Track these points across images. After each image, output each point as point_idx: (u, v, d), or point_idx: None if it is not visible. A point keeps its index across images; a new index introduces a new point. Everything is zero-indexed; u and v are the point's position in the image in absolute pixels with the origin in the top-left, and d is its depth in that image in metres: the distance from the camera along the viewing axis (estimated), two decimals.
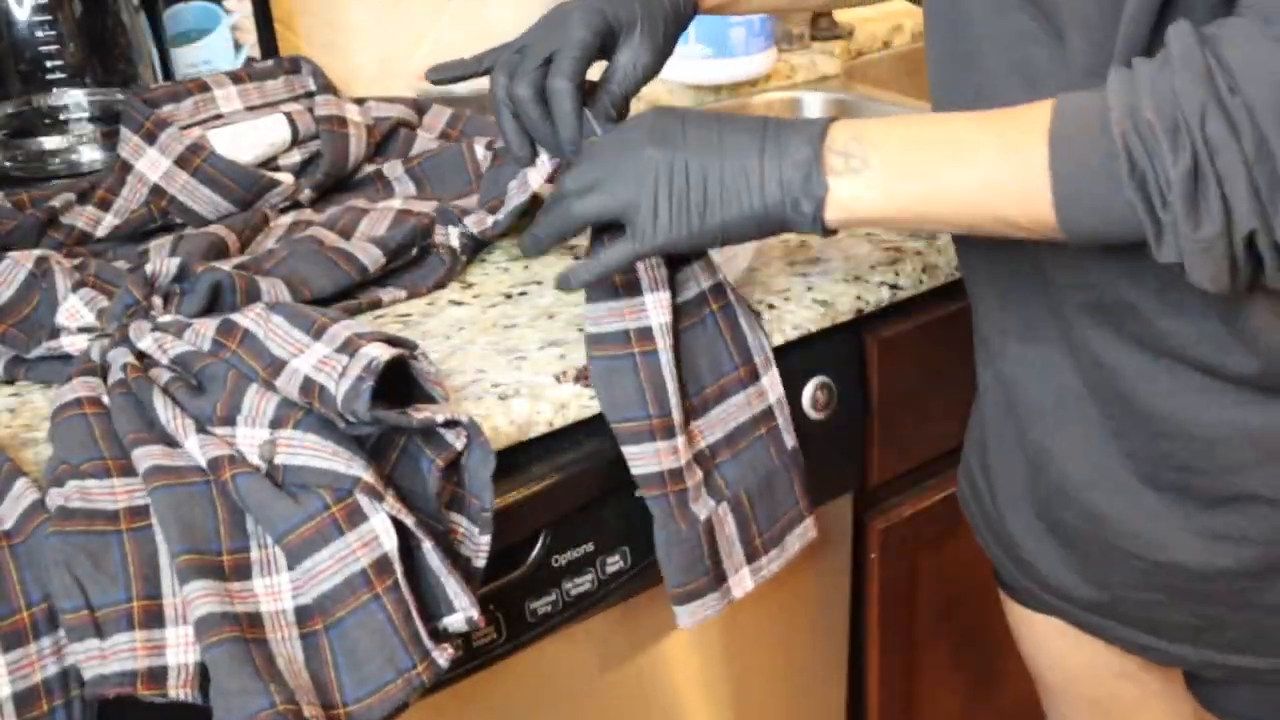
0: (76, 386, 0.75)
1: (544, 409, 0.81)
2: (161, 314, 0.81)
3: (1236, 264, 0.61)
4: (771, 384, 0.88)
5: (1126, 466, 0.78)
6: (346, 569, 0.68)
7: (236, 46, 1.27)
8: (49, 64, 1.15)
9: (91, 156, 1.16)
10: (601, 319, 0.82)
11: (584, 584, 0.87)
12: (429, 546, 0.70)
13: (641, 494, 0.82)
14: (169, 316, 0.80)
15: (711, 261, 0.85)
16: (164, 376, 0.74)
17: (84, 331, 0.82)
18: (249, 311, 0.77)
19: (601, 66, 0.87)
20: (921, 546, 1.12)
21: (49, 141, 1.16)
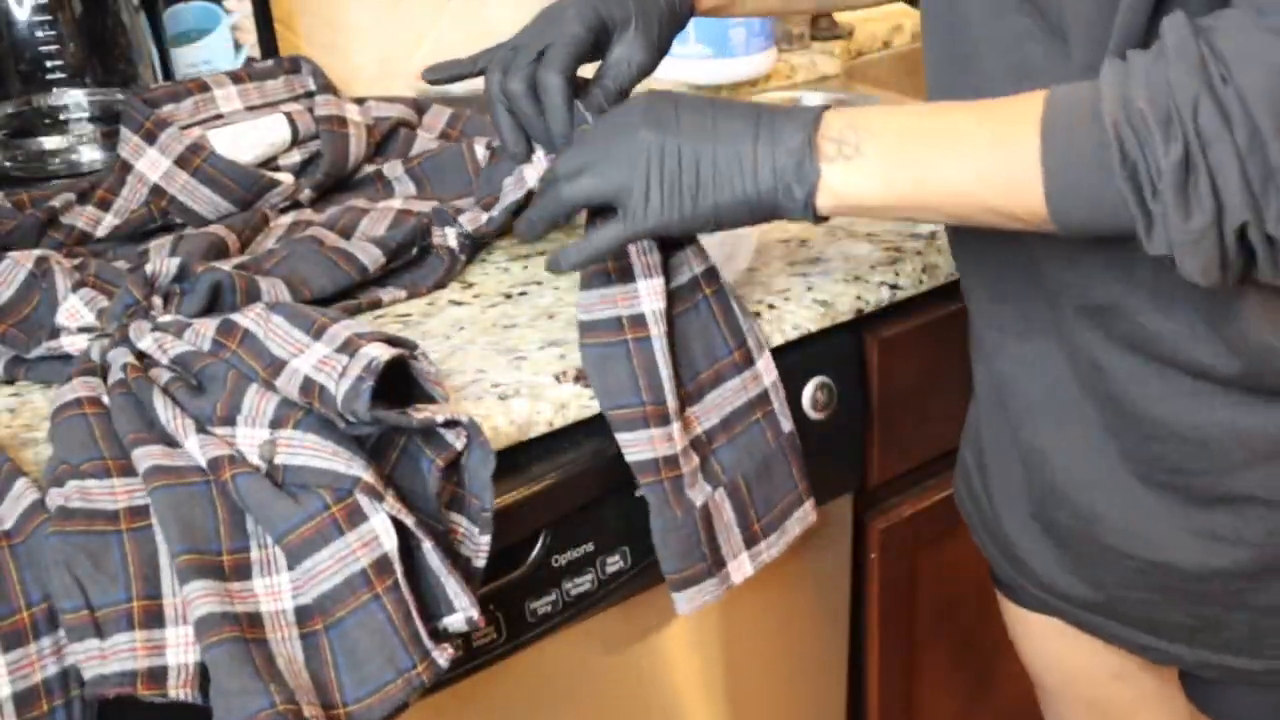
0: (76, 386, 0.75)
1: (544, 409, 0.81)
2: (161, 314, 0.81)
3: (1227, 257, 0.61)
4: (766, 367, 0.88)
5: (1123, 466, 0.78)
6: (346, 569, 0.68)
7: (236, 46, 1.27)
8: (49, 64, 1.15)
9: (91, 156, 1.16)
10: (594, 306, 0.82)
11: (584, 584, 0.87)
12: (429, 546, 0.70)
13: (640, 488, 0.82)
14: (169, 316, 0.80)
15: (703, 247, 0.85)
16: (164, 376, 0.74)
17: (84, 331, 0.82)
18: (249, 311, 0.77)
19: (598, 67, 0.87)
20: (921, 546, 1.12)
21: (49, 141, 1.16)
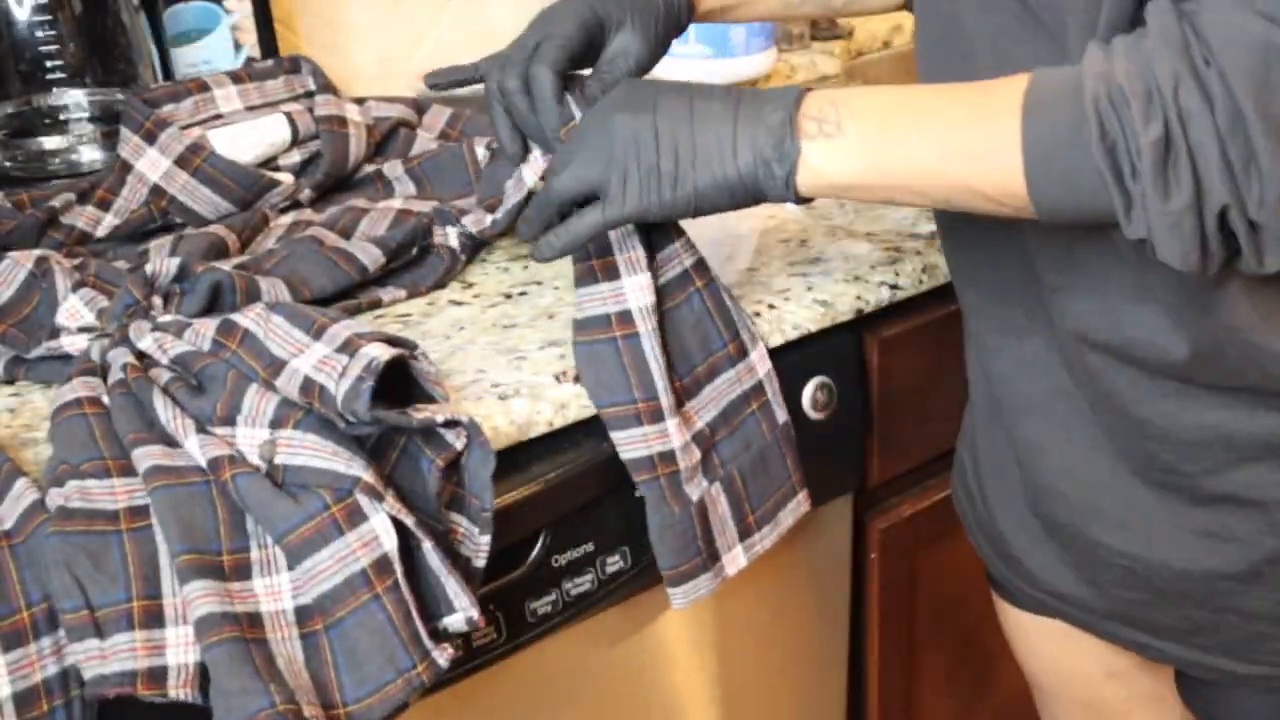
0: (76, 386, 0.75)
1: (544, 409, 0.81)
2: (161, 314, 0.81)
3: (1208, 242, 0.61)
4: (760, 358, 0.88)
5: (1120, 464, 0.78)
6: (346, 569, 0.68)
7: (236, 46, 1.27)
8: (49, 64, 1.15)
9: (91, 156, 1.16)
10: (584, 304, 0.82)
11: (584, 584, 0.87)
12: (429, 546, 0.70)
13: (636, 486, 0.82)
14: (169, 316, 0.80)
15: (691, 240, 0.85)
16: (164, 376, 0.74)
17: (84, 331, 0.82)
18: (249, 311, 0.77)
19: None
20: (921, 546, 1.12)
21: (49, 141, 1.16)
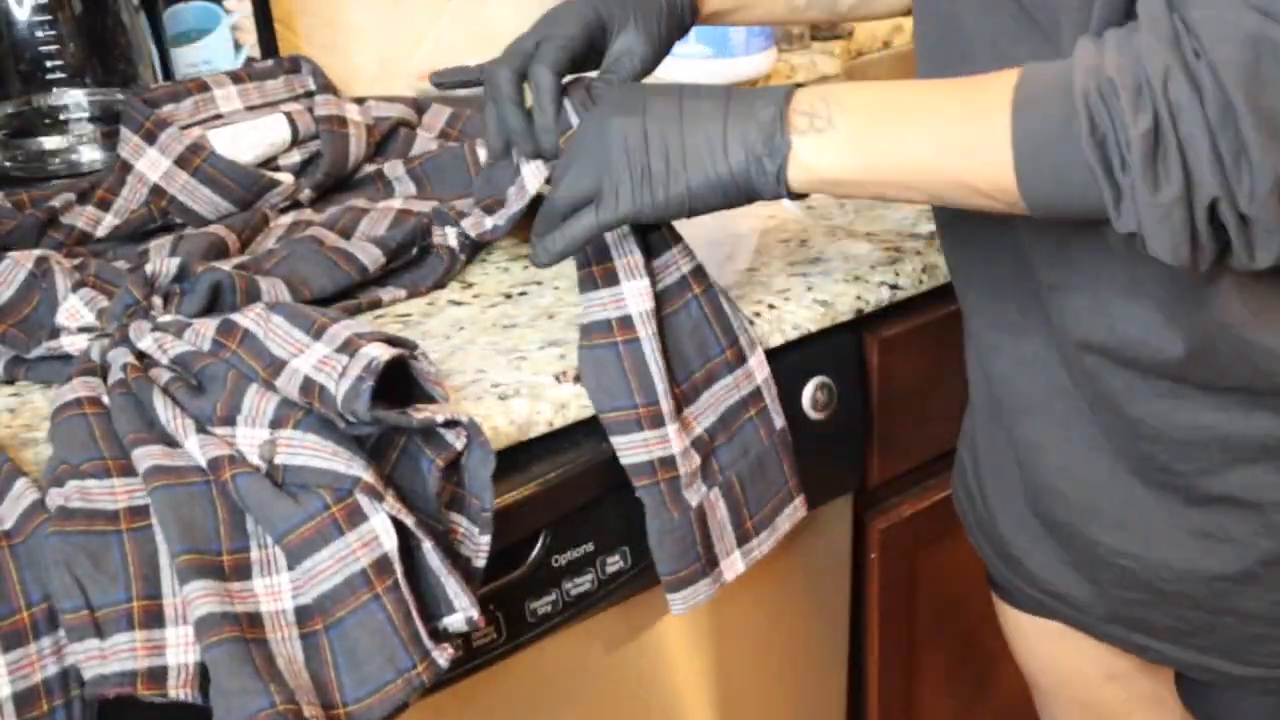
0: (76, 386, 0.75)
1: (544, 409, 0.81)
2: (161, 314, 0.81)
3: (1198, 236, 0.60)
4: (758, 364, 0.88)
5: (1119, 463, 0.78)
6: (346, 569, 0.68)
7: (236, 46, 1.27)
8: (49, 64, 1.15)
9: (91, 156, 1.16)
10: (588, 309, 0.82)
11: (584, 584, 0.87)
12: (429, 546, 0.70)
13: (636, 491, 0.82)
14: (169, 316, 0.80)
15: (689, 246, 0.85)
16: (164, 376, 0.74)
17: (84, 331, 0.82)
18: (249, 311, 0.77)
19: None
20: (921, 546, 1.12)
21: (49, 141, 1.16)
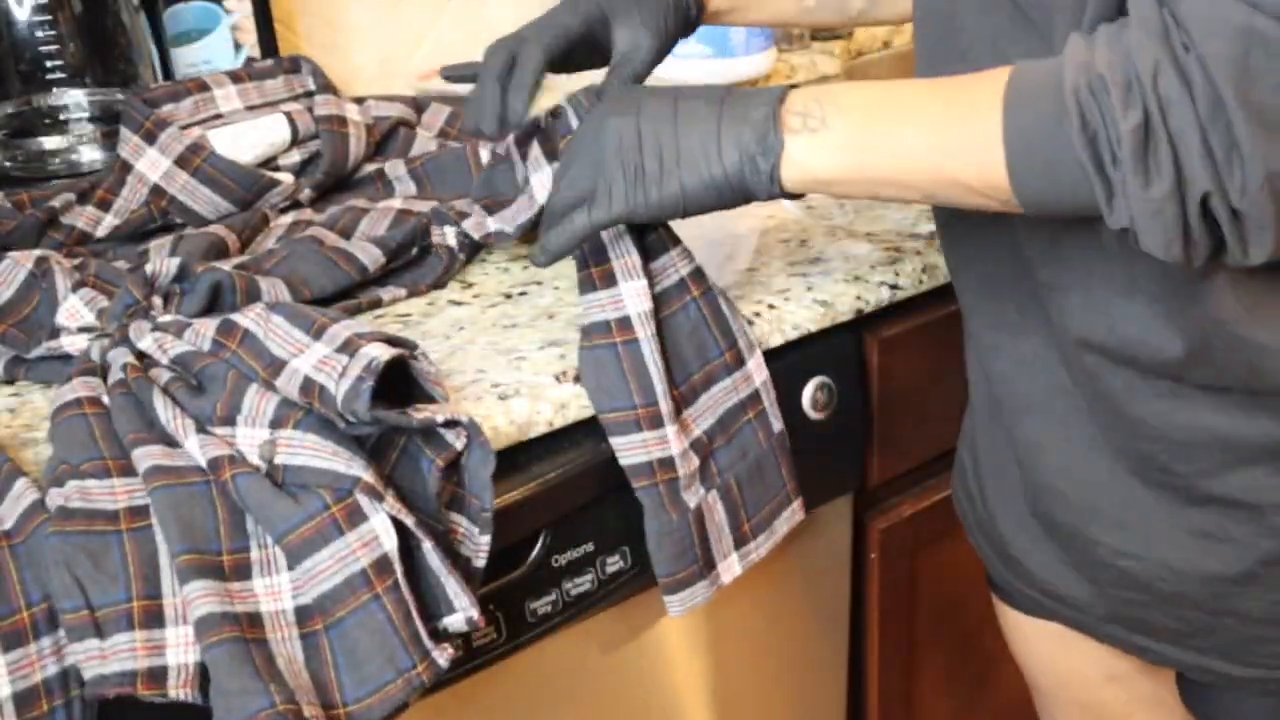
0: (76, 386, 0.75)
1: (544, 409, 0.81)
2: (161, 314, 0.81)
3: (1190, 231, 0.60)
4: (756, 367, 0.88)
5: (1118, 463, 0.78)
6: (346, 569, 0.68)
7: (236, 46, 1.27)
8: (49, 64, 1.15)
9: (91, 156, 1.16)
10: (588, 310, 0.82)
11: (584, 584, 0.87)
12: (429, 546, 0.70)
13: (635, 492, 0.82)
14: (169, 316, 0.80)
15: (688, 248, 0.85)
16: (164, 376, 0.74)
17: (84, 331, 0.82)
18: (249, 311, 0.77)
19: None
20: (921, 547, 1.12)
21: (49, 141, 1.16)
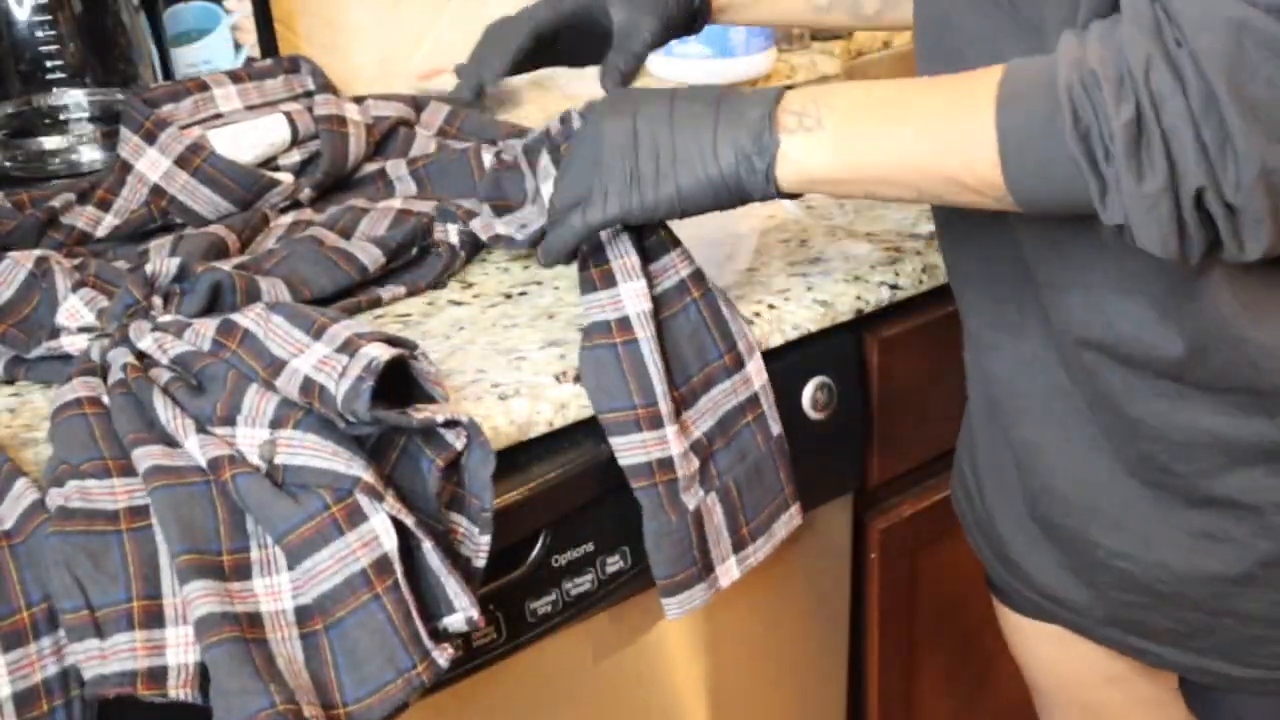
0: (76, 386, 0.75)
1: (544, 409, 0.81)
2: (161, 314, 0.81)
3: (1185, 226, 0.60)
4: (756, 370, 0.88)
5: (1117, 464, 0.77)
6: (346, 569, 0.68)
7: (236, 46, 1.27)
8: (49, 64, 1.15)
9: (91, 156, 1.16)
10: (589, 311, 0.82)
11: (584, 584, 0.87)
12: (429, 546, 0.70)
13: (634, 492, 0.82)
14: (169, 316, 0.80)
15: (688, 250, 0.85)
16: (164, 376, 0.74)
17: (84, 331, 0.82)
18: (249, 311, 0.77)
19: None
20: (921, 547, 1.12)
21: (49, 141, 1.16)
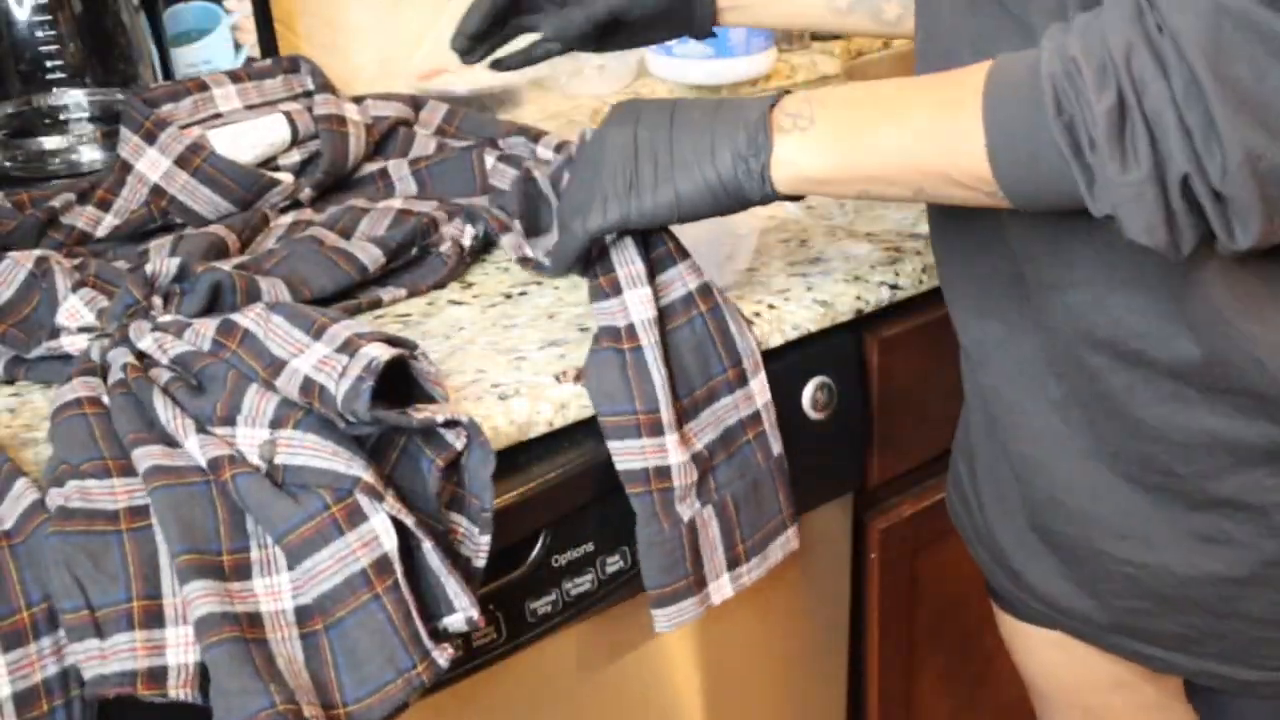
0: (76, 386, 0.75)
1: (544, 409, 0.81)
2: (161, 314, 0.81)
3: (1173, 215, 0.60)
4: (760, 388, 0.87)
5: (1115, 470, 0.77)
6: (346, 569, 0.68)
7: (236, 46, 1.27)
8: (49, 64, 1.15)
9: (91, 156, 1.16)
10: (598, 317, 0.82)
11: (584, 584, 0.87)
12: (429, 546, 0.70)
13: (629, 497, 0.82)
14: (169, 316, 0.80)
15: (696, 263, 0.85)
16: (164, 376, 0.74)
17: (84, 331, 0.82)
18: (249, 311, 0.77)
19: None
20: (921, 546, 1.12)
21: (49, 141, 1.16)
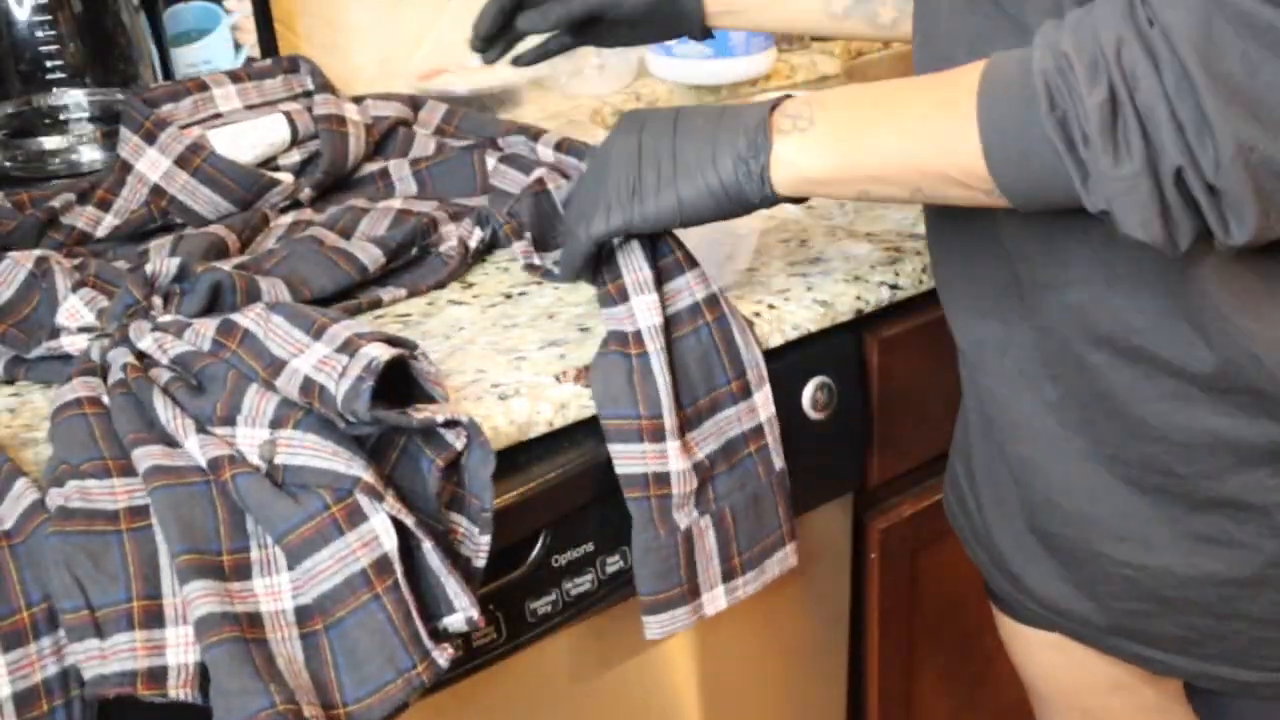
0: (76, 386, 0.75)
1: (544, 409, 0.81)
2: (161, 314, 0.81)
3: (1168, 209, 0.60)
4: (764, 401, 0.87)
5: (1113, 472, 0.77)
6: (346, 569, 0.68)
7: (236, 46, 1.27)
8: (49, 64, 1.15)
9: (91, 156, 1.16)
10: (607, 321, 0.83)
11: (584, 584, 0.87)
12: (429, 546, 0.70)
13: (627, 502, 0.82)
14: (169, 316, 0.81)
15: (705, 273, 0.85)
16: (164, 376, 0.74)
17: (84, 331, 0.82)
18: (249, 311, 0.77)
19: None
20: (921, 547, 1.12)
21: (49, 141, 1.16)
